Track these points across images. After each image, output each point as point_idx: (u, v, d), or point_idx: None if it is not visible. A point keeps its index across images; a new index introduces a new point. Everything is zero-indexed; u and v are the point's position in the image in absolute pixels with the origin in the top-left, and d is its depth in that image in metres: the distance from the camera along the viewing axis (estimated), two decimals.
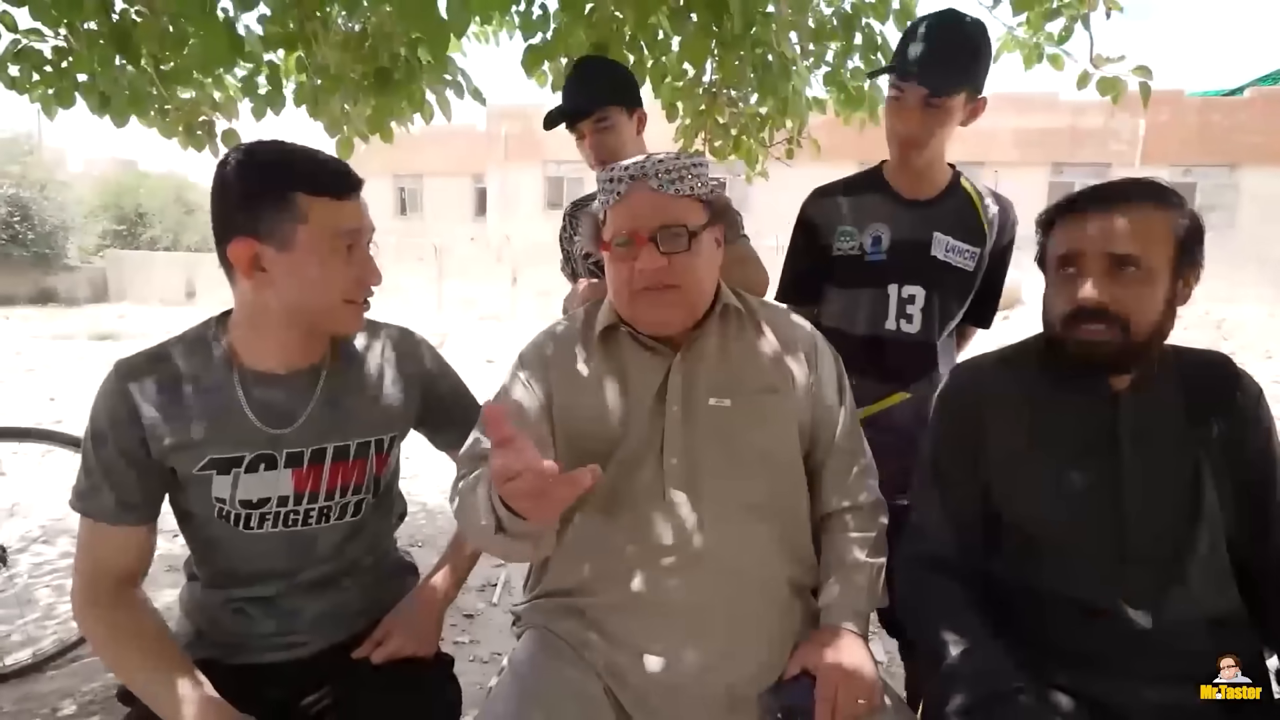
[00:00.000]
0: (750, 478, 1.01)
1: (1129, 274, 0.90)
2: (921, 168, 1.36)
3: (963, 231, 1.36)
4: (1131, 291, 0.91)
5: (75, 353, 9.36)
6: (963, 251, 1.36)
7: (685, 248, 0.97)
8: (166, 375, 0.93)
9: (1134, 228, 0.90)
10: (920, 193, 1.38)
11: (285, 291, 0.91)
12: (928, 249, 1.35)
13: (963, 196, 1.38)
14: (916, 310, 1.36)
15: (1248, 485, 0.96)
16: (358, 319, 0.99)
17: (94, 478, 0.91)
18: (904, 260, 1.36)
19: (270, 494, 0.96)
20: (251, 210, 0.88)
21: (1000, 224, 1.39)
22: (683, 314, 1.01)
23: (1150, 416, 0.97)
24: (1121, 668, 0.93)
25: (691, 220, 0.98)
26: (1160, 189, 0.92)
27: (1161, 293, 0.91)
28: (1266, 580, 0.96)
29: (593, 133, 1.50)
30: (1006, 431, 1.02)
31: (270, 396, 0.96)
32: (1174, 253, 0.91)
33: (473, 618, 2.37)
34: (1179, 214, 0.91)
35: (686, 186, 0.98)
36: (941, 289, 1.37)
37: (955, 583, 1.02)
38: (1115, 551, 0.94)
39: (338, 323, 0.97)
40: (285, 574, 1.00)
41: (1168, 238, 0.91)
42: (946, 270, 1.36)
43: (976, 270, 1.38)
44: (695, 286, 1.00)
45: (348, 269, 0.93)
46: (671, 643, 0.95)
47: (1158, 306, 0.92)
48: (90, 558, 0.92)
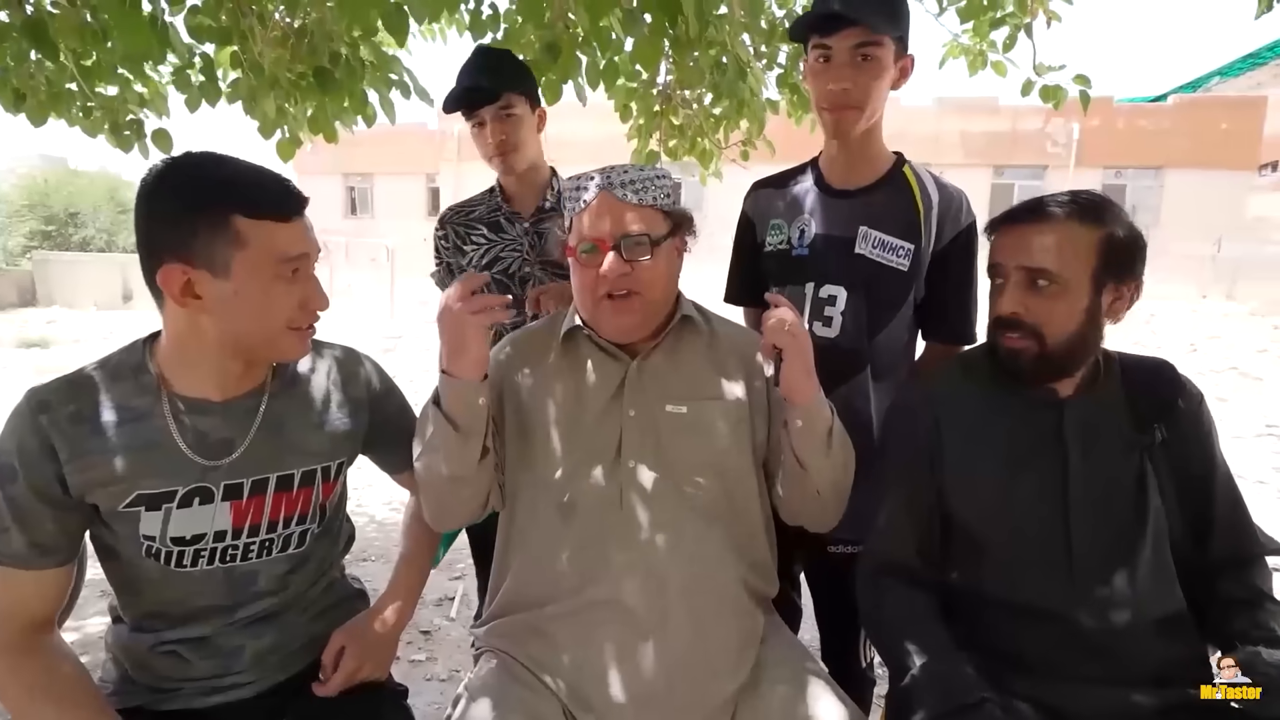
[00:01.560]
0: (702, 480, 1.01)
1: (1043, 287, 0.94)
2: (855, 149, 1.22)
3: (895, 225, 1.20)
4: (1045, 303, 0.94)
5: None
6: (895, 248, 1.19)
7: (648, 256, 0.99)
8: (86, 404, 0.86)
9: (1050, 242, 0.93)
10: (851, 181, 1.24)
11: (222, 320, 0.85)
12: (852, 245, 1.21)
13: (900, 185, 1.22)
14: (835, 313, 1.21)
15: (1190, 489, 0.99)
16: (303, 345, 0.93)
17: (1, 519, 0.83)
18: (825, 256, 1.22)
19: (205, 529, 0.90)
20: (183, 233, 0.81)
21: (943, 218, 1.21)
22: (644, 320, 1.04)
23: (1095, 421, 0.99)
24: (1073, 672, 0.94)
25: (654, 230, 1.01)
26: (1087, 205, 0.95)
27: (1079, 305, 0.94)
28: (1208, 581, 1.00)
29: (495, 120, 1.43)
30: (958, 437, 1.03)
31: (205, 425, 0.90)
32: (1095, 266, 0.93)
33: (429, 634, 2.30)
34: (1103, 229, 0.93)
35: (650, 197, 1.01)
36: (868, 290, 1.20)
37: (917, 592, 1.02)
38: (1062, 555, 0.96)
39: (281, 351, 0.91)
40: (223, 611, 0.93)
41: (1087, 252, 0.93)
42: (874, 269, 1.20)
43: (914, 270, 1.20)
44: (657, 293, 1.03)
45: (290, 295, 0.87)
46: (633, 656, 0.94)
47: (1074, 318, 0.94)
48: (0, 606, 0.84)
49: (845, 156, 1.24)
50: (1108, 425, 0.99)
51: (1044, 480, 0.99)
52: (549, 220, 1.50)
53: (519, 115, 1.44)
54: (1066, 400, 1.00)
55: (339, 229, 18.58)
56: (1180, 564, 0.99)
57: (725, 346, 1.09)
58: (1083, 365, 0.99)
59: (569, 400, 1.04)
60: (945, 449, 1.04)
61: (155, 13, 1.87)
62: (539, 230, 1.51)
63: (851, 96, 1.14)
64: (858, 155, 1.23)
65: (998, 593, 0.99)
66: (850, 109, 1.16)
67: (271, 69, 1.94)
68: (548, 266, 1.51)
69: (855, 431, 1.09)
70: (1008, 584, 0.99)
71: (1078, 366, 0.99)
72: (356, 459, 1.06)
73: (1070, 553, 0.96)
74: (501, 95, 1.41)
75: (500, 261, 1.53)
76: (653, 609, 0.95)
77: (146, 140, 2.34)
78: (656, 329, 1.06)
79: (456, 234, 1.57)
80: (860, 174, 1.24)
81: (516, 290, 1.52)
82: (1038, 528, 0.98)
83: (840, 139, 1.22)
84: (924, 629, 0.97)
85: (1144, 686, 0.93)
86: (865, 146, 1.23)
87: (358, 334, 10.75)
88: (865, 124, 1.18)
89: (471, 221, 1.56)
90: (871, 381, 1.22)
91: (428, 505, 1.05)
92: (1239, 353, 9.25)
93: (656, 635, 0.94)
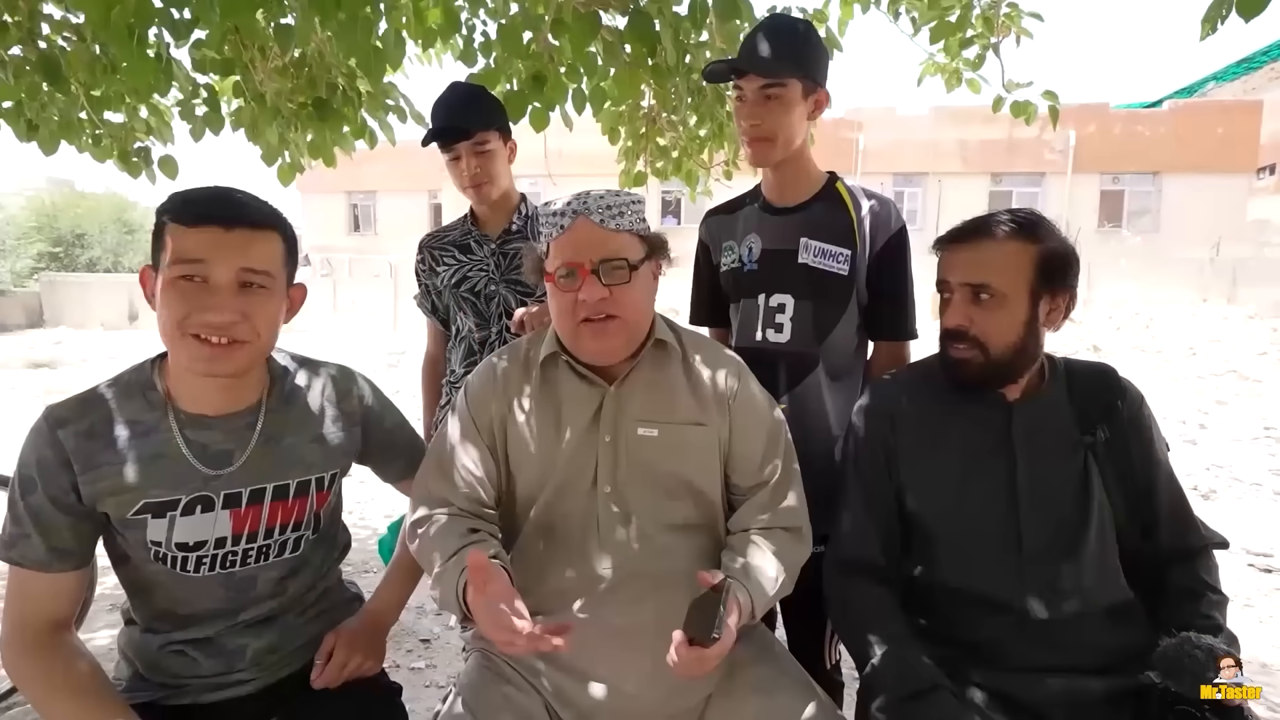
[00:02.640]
0: (674, 501, 1.07)
1: (985, 300, 1.01)
2: (788, 171, 1.35)
3: (832, 235, 1.31)
4: (987, 316, 1.01)
5: (8, 381, 8.90)
6: (834, 255, 1.30)
7: (626, 280, 1.02)
8: (99, 419, 0.93)
9: (989, 259, 1.01)
10: (789, 199, 1.36)
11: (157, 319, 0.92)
12: (795, 255, 1.31)
13: (834, 199, 1.34)
14: (786, 319, 1.32)
15: (1133, 485, 1.05)
16: (205, 361, 0.90)
17: (23, 525, 0.90)
18: (772, 269, 1.34)
19: (207, 536, 0.97)
20: (154, 239, 0.92)
21: (875, 224, 1.32)
22: (622, 343, 1.05)
23: (1041, 423, 1.05)
24: (1026, 660, 1.00)
25: (631, 254, 1.03)
26: (1023, 223, 1.02)
27: (1018, 316, 1.01)
28: (1158, 574, 1.05)
29: (471, 154, 1.52)
30: (914, 439, 1.09)
31: (207, 438, 0.97)
32: (1032, 280, 1.00)
33: (429, 643, 2.35)
34: (1039, 245, 1.01)
35: (626, 222, 1.03)
36: (813, 296, 1.32)
37: (879, 588, 1.08)
38: (1013, 549, 1.02)
39: (182, 357, 0.91)
40: (225, 614, 1.00)
41: (1024, 267, 1.00)
42: (815, 276, 1.31)
43: (853, 273, 1.31)
44: (635, 316, 1.05)
45: (182, 298, 0.88)
46: (611, 664, 0.99)
47: (1015, 329, 1.01)
48: (20, 606, 0.91)
49: (780, 179, 1.37)
50: (1053, 426, 1.06)
51: (995, 479, 1.05)
52: (515, 241, 1.60)
53: (492, 149, 1.54)
54: (1014, 404, 1.06)
55: (343, 246, 18.76)
56: (1131, 558, 1.05)
57: (697, 368, 1.12)
58: (1026, 371, 1.06)
59: (548, 428, 1.06)
60: (902, 452, 1.10)
61: (160, 48, 1.97)
62: (504, 250, 1.61)
63: (762, 130, 1.28)
64: (791, 176, 1.36)
65: (954, 586, 1.05)
66: (762, 140, 1.29)
67: (273, 99, 2.03)
68: (512, 285, 1.60)
69: (813, 429, 1.17)
70: (963, 578, 1.05)
71: (1021, 372, 1.05)
72: (350, 470, 1.13)
73: (1021, 547, 1.02)
74: (475, 132, 1.51)
75: (468, 280, 1.63)
76: (627, 619, 1.00)
77: (154, 166, 2.43)
78: (633, 352, 1.08)
79: (432, 256, 1.68)
80: (797, 192, 1.36)
81: (483, 306, 1.62)
82: (990, 524, 1.04)
83: (760, 166, 1.36)
84: (885, 622, 1.03)
85: (1093, 673, 0.98)
86: (797, 168, 1.35)
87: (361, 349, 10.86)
88: (783, 152, 1.31)
89: (445, 245, 1.67)
90: (826, 380, 1.32)
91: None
92: (1238, 356, 9.26)
93: (631, 643, 0.99)
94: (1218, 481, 4.80)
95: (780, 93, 1.26)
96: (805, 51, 1.28)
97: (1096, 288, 13.22)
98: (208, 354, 0.89)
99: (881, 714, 0.96)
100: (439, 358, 1.82)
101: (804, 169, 1.36)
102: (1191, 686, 0.88)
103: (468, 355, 1.68)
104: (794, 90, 1.27)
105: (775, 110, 1.27)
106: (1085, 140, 16.75)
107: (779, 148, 1.30)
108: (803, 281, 1.32)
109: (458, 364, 1.70)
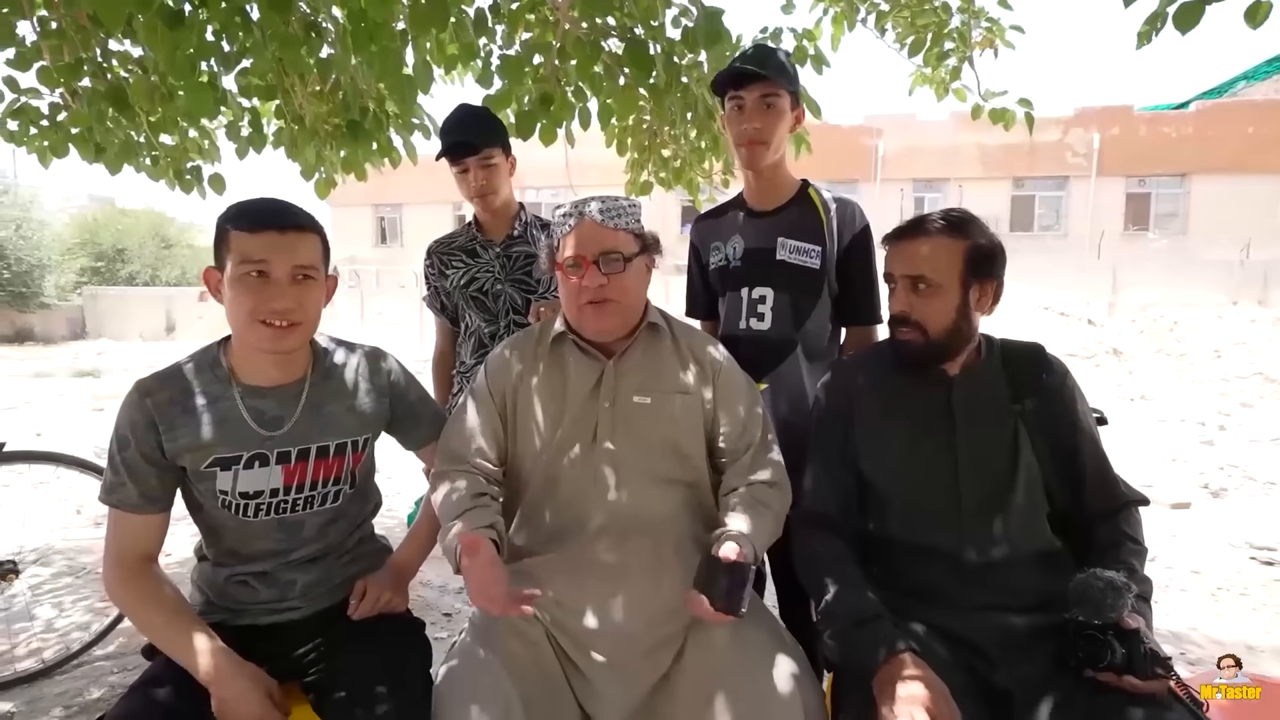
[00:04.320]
0: (662, 458, 1.25)
1: (922, 290, 1.17)
2: (768, 178, 1.55)
3: (805, 233, 1.51)
4: (925, 303, 1.17)
5: (56, 389, 9.38)
6: (806, 251, 1.50)
7: (621, 270, 1.21)
8: (177, 390, 1.13)
9: (925, 253, 1.17)
10: (768, 204, 1.56)
11: (225, 310, 1.12)
12: (774, 253, 1.51)
13: (807, 203, 1.54)
14: (767, 309, 1.52)
15: (1059, 448, 1.19)
16: (273, 340, 1.10)
17: (120, 475, 1.11)
18: (754, 265, 1.54)
19: (264, 486, 1.16)
20: (216, 244, 1.12)
21: (841, 223, 1.52)
22: (619, 323, 1.25)
23: (977, 394, 1.21)
24: (963, 600, 1.14)
25: (625, 248, 1.23)
26: (955, 221, 1.18)
27: (951, 302, 1.16)
28: (1086, 529, 1.20)
29: (477, 168, 1.73)
30: (868, 411, 1.25)
31: (263, 405, 1.17)
32: (962, 271, 1.16)
33: (451, 616, 2.55)
34: (968, 241, 1.16)
35: (623, 222, 1.23)
36: (790, 288, 1.51)
37: (837, 539, 1.24)
38: (952, 504, 1.17)
39: (252, 340, 1.11)
40: (279, 553, 1.20)
41: (955, 260, 1.16)
42: (792, 270, 1.51)
43: (824, 267, 1.51)
44: (628, 300, 1.25)
45: (252, 292, 1.07)
46: (602, 596, 1.17)
47: (949, 313, 1.17)
48: (118, 541, 1.11)
49: (760, 186, 1.58)
50: (988, 397, 1.21)
51: (937, 444, 1.20)
52: (518, 245, 1.80)
53: (496, 164, 1.75)
54: (954, 378, 1.22)
55: (370, 258, 19.25)
56: (1063, 515, 1.20)
57: (684, 348, 1.32)
58: (963, 349, 1.21)
59: (555, 395, 1.27)
60: (858, 422, 1.26)
61: (212, 76, 2.21)
62: (509, 254, 1.81)
63: (761, 134, 1.48)
64: (770, 184, 1.57)
65: (901, 537, 1.20)
66: (759, 144, 1.49)
67: (312, 122, 2.26)
68: (517, 284, 1.80)
69: (792, 402, 1.37)
70: (909, 530, 1.20)
71: (958, 350, 1.21)
72: (380, 438, 1.32)
73: (959, 502, 1.17)
74: (482, 149, 1.72)
75: (476, 281, 1.83)
76: (617, 559, 1.18)
77: (204, 183, 2.68)
78: (629, 332, 1.29)
79: (441, 260, 1.88)
80: (775, 197, 1.57)
81: (490, 304, 1.82)
82: (933, 483, 1.19)
83: (753, 169, 1.55)
84: (839, 567, 1.19)
85: (1022, 612, 1.13)
86: (775, 176, 1.56)
87: None
88: (772, 156, 1.51)
89: (452, 250, 1.87)
90: (804, 361, 1.52)
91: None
92: (1264, 359, 9.13)
93: (620, 579, 1.17)
94: (1230, 481, 4.81)
95: (776, 101, 1.47)
96: (791, 72, 1.50)
97: (1122, 291, 13.08)
98: (273, 335, 1.10)
99: (832, 641, 1.12)
100: (448, 352, 2.02)
101: (781, 177, 1.57)
102: (1094, 613, 1.02)
103: (478, 348, 1.88)
104: (786, 101, 1.48)
105: (771, 116, 1.47)
106: (1110, 143, 16.59)
107: (771, 150, 1.50)
108: (781, 276, 1.52)
109: (468, 356, 1.90)
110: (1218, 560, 3.39)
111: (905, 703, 0.96)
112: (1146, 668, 0.98)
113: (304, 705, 1.13)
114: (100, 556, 1.13)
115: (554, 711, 1.12)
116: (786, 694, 1.05)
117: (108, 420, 6.96)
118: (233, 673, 1.03)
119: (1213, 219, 15.74)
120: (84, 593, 2.75)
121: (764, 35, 2.37)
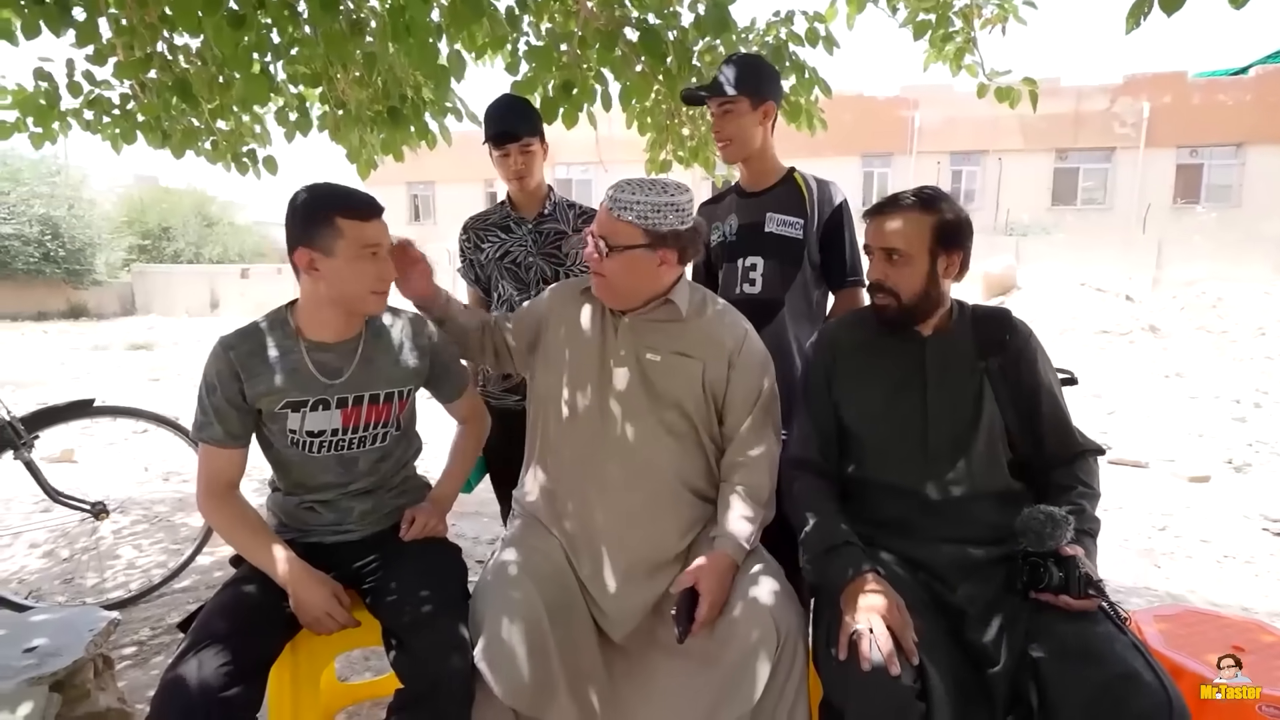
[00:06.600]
0: (666, 410, 1.41)
1: (895, 260, 1.31)
2: (756, 166, 1.79)
3: (788, 208, 1.75)
4: (898, 271, 1.31)
5: (113, 361, 9.96)
6: (790, 224, 1.74)
7: (606, 254, 1.34)
8: (255, 344, 1.34)
9: (898, 227, 1.30)
10: (758, 186, 1.81)
11: (333, 286, 1.31)
12: (763, 226, 1.75)
13: (791, 183, 1.78)
14: (758, 275, 1.75)
15: (1021, 401, 1.33)
16: (381, 304, 1.39)
17: (208, 415, 1.33)
18: (747, 238, 1.78)
19: (326, 427, 1.37)
20: (309, 229, 1.29)
21: (820, 200, 1.76)
22: (609, 296, 1.40)
23: (948, 353, 1.35)
24: (926, 533, 1.30)
25: (619, 239, 1.33)
26: (926, 197, 1.31)
27: (921, 270, 1.30)
28: (1045, 475, 1.34)
29: (518, 154, 1.91)
30: (849, 366, 1.40)
31: (325, 359, 1.37)
32: (930, 243, 1.29)
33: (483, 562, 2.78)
34: (937, 215, 1.29)
35: (630, 215, 1.32)
36: (777, 255, 1.74)
37: (820, 480, 1.40)
38: (920, 448, 1.32)
39: (367, 306, 1.37)
40: (338, 485, 1.41)
41: (924, 233, 1.29)
42: (778, 240, 1.74)
43: (806, 237, 1.74)
44: (616, 281, 1.37)
45: (371, 269, 1.31)
46: (610, 517, 1.37)
47: (919, 281, 1.30)
48: (207, 471, 1.34)
49: (751, 171, 1.83)
50: (957, 355, 1.35)
51: (910, 396, 1.35)
52: (548, 223, 1.98)
53: (534, 151, 1.93)
54: (927, 339, 1.36)
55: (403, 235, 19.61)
56: (1025, 462, 1.34)
57: (704, 325, 1.43)
58: (934, 313, 1.35)
59: (579, 336, 1.45)
60: (839, 377, 1.41)
61: (264, 66, 2.42)
62: (540, 230, 2.00)
63: (722, 135, 1.75)
64: (758, 169, 1.82)
65: (875, 477, 1.36)
66: (723, 143, 1.76)
67: (355, 110, 2.45)
68: (547, 257, 1.98)
69: (780, 357, 1.55)
70: (882, 472, 1.35)
71: (930, 314, 1.35)
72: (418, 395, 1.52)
73: (926, 446, 1.32)
74: (524, 137, 1.90)
75: (510, 254, 2.02)
76: (624, 489, 1.37)
77: (259, 165, 2.91)
78: (645, 303, 1.42)
79: (476, 235, 2.07)
80: (764, 180, 1.82)
81: (523, 274, 2.00)
82: (905, 430, 1.34)
83: (730, 163, 1.85)
84: (818, 503, 1.35)
85: (979, 544, 1.28)
86: (762, 163, 1.80)
87: None
88: (743, 150, 1.76)
89: (488, 226, 2.05)
90: (790, 321, 1.74)
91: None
92: None
93: (626, 507, 1.36)
94: (1256, 457, 4.80)
95: (733, 107, 1.71)
96: (750, 77, 1.71)
97: (1167, 266, 12.66)
98: (379, 300, 1.36)
99: (807, 565, 1.29)
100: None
101: (768, 164, 1.81)
102: (1036, 542, 1.17)
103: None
104: (744, 104, 1.71)
105: (729, 121, 1.73)
106: (1160, 112, 15.92)
107: (737, 147, 1.76)
108: (769, 245, 1.75)
109: None
110: (1229, 531, 3.45)
111: (865, 611, 1.13)
112: (1080, 589, 1.13)
113: (361, 608, 1.36)
114: (172, 506, 1.37)
115: (571, 622, 1.32)
116: (769, 605, 1.23)
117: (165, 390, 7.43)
118: (305, 576, 1.26)
119: (1271, 191, 15.05)
120: (158, 536, 3.07)
121: (777, 19, 2.48)
